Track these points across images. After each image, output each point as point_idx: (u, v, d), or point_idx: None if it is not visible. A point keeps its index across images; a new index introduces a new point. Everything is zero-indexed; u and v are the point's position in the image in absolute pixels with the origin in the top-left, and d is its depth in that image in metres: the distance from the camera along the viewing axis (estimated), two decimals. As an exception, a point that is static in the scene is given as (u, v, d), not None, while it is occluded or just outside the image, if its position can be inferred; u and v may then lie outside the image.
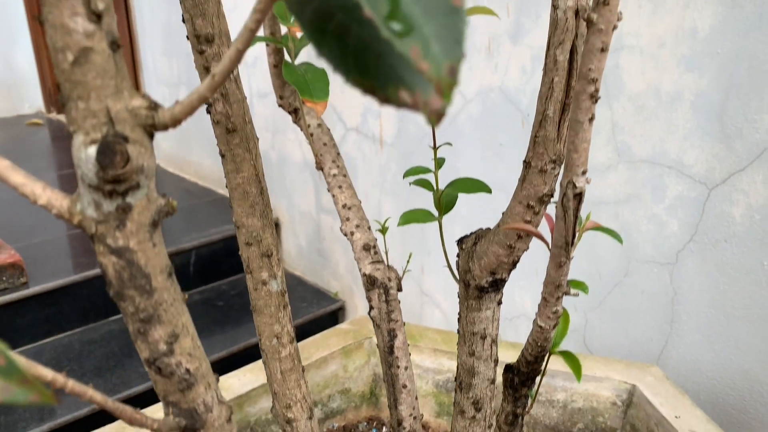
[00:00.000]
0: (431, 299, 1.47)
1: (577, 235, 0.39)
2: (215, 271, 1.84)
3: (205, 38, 0.41)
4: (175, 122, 0.22)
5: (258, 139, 0.47)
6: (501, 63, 1.20)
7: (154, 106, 0.22)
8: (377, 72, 0.17)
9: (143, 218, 0.23)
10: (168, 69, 2.33)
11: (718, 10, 0.89)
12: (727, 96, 0.90)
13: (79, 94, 0.20)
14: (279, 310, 0.49)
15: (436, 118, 0.17)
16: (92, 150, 0.21)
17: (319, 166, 0.65)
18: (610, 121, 1.05)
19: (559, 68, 0.47)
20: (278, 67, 0.64)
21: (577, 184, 0.36)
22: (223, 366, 1.49)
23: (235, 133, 0.44)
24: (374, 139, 1.54)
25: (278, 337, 0.48)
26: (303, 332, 1.66)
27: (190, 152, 2.35)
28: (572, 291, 0.42)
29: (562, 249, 0.39)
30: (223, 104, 0.43)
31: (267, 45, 0.63)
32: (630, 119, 1.03)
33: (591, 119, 0.35)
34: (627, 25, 0.99)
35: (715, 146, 0.94)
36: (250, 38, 0.20)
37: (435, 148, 0.56)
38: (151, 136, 0.22)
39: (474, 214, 1.34)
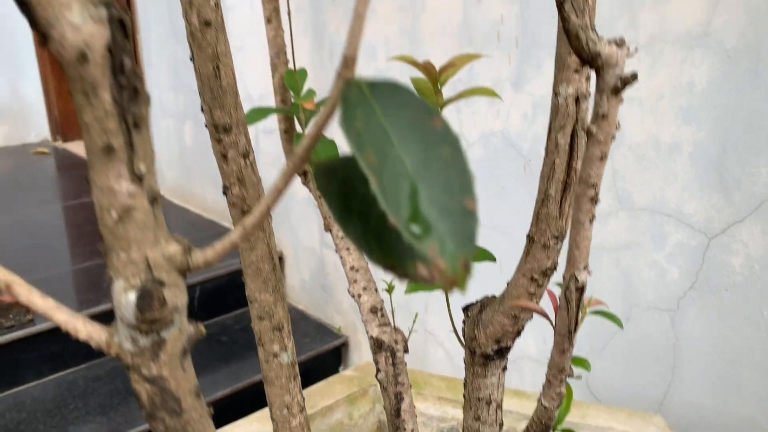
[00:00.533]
0: (435, 338, 1.48)
1: (579, 322, 0.41)
2: (220, 305, 1.85)
3: (222, 128, 0.44)
4: (208, 264, 0.24)
5: (272, 218, 0.49)
6: (503, 109, 1.22)
7: (188, 250, 0.24)
8: (396, 251, 0.19)
9: (175, 349, 0.25)
10: (174, 103, 2.37)
11: (715, 66, 0.91)
12: (725, 149, 0.92)
13: (121, 246, 0.22)
14: (289, 381, 0.50)
15: (450, 286, 0.19)
16: (132, 296, 0.23)
17: (328, 228, 0.67)
18: (611, 168, 1.07)
19: (561, 151, 0.49)
20: (288, 132, 0.67)
21: (579, 279, 0.38)
22: (228, 404, 1.50)
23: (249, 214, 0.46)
24: (378, 178, 1.56)
25: (288, 407, 0.50)
26: (306, 369, 1.66)
27: (194, 185, 2.37)
28: (575, 373, 0.44)
29: (566, 337, 0.40)
30: (240, 188, 0.45)
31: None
32: (630, 168, 1.05)
33: (591, 219, 0.37)
34: (626, 77, 1.02)
35: (714, 197, 0.95)
36: (278, 197, 0.22)
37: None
38: (184, 276, 0.24)
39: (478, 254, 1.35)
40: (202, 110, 0.45)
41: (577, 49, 0.33)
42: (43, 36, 0.20)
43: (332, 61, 1.59)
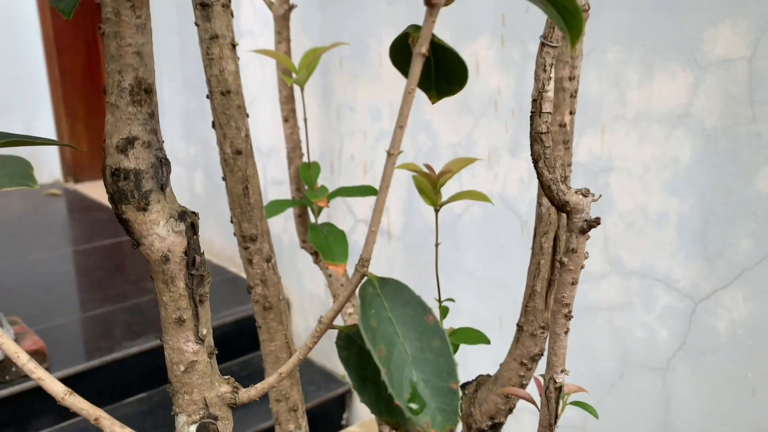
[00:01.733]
0: (436, 388, 1.52)
1: (559, 415, 0.47)
2: (226, 352, 1.90)
3: (249, 238, 0.50)
4: (251, 400, 0.30)
5: (289, 311, 0.55)
6: (500, 173, 1.29)
7: (236, 390, 0.30)
8: (400, 415, 0.25)
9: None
10: (185, 152, 2.45)
11: (696, 144, 0.98)
12: (708, 221, 0.99)
13: (185, 390, 0.28)
14: (303, 456, 0.56)
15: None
16: (193, 429, 0.29)
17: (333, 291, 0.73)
18: (603, 234, 1.13)
19: (545, 253, 0.55)
20: (302, 217, 0.73)
21: (557, 380, 0.44)
22: (234, 453, 1.54)
23: (270, 310, 0.52)
24: (382, 232, 1.63)
25: (302, 481, 0.55)
26: (312, 416, 1.70)
27: (203, 231, 2.44)
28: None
29: (547, 429, 0.46)
30: (263, 288, 0.52)
31: (293, 198, 0.72)
32: (621, 234, 1.11)
33: (566, 332, 0.43)
34: (616, 149, 1.09)
35: (699, 265, 1.01)
36: (307, 352, 0.29)
37: (440, 301, 0.64)
38: (233, 410, 0.30)
39: (478, 309, 1.41)
40: (231, 221, 0.51)
41: (550, 197, 0.39)
42: (136, 242, 0.27)
43: (339, 120, 1.67)
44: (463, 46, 1.30)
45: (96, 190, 3.53)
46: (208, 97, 0.49)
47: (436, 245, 0.63)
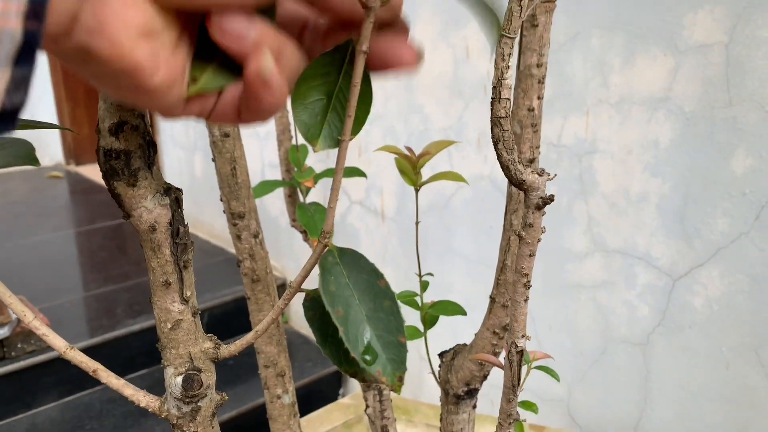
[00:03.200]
0: (428, 367, 1.57)
1: (522, 378, 0.51)
2: (226, 331, 1.95)
3: (237, 215, 0.54)
4: (232, 355, 0.34)
5: (276, 285, 0.59)
6: (490, 156, 1.33)
7: (218, 346, 0.34)
8: (357, 366, 0.29)
9: (207, 413, 0.35)
10: (184, 135, 2.48)
11: (676, 127, 1.02)
12: (686, 201, 1.02)
13: (172, 345, 0.32)
14: (290, 418, 0.60)
15: (391, 389, 0.29)
16: (179, 379, 0.33)
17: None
18: (587, 214, 1.17)
19: (515, 229, 0.59)
20: (291, 197, 0.77)
21: (518, 345, 0.48)
22: (233, 426, 1.59)
23: (258, 282, 0.56)
24: (376, 213, 1.67)
25: (289, 440, 0.59)
26: (309, 392, 1.76)
27: (203, 213, 2.48)
28: (521, 416, 0.54)
29: (510, 389, 0.50)
30: (251, 262, 0.55)
31: (283, 179, 0.76)
32: (604, 214, 1.15)
33: (525, 300, 0.47)
34: (599, 132, 1.12)
35: (678, 243, 1.05)
36: (286, 305, 0.33)
37: (420, 276, 0.68)
38: (215, 363, 0.34)
39: (468, 287, 1.45)
40: (221, 200, 0.55)
41: (508, 176, 0.43)
42: (126, 214, 0.31)
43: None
44: (453, 32, 1.33)
45: (97, 173, 3.57)
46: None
47: (417, 223, 0.66)
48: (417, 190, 0.65)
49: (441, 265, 1.49)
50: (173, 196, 0.31)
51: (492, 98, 0.43)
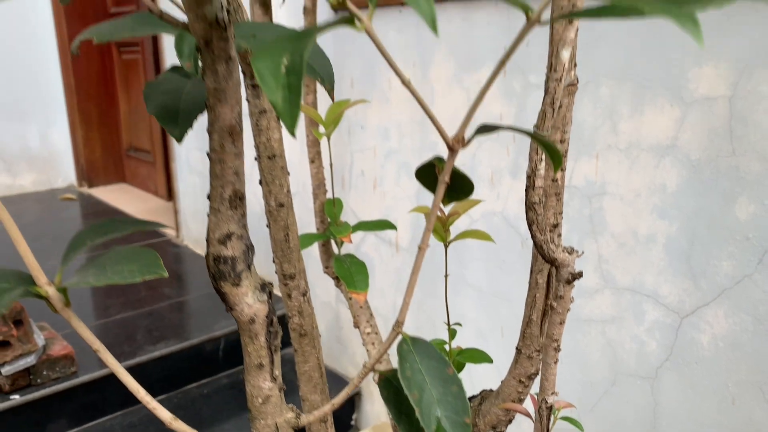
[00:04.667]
0: (441, 392, 1.62)
1: (550, 429, 0.56)
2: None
3: (289, 276, 0.59)
4: (309, 424, 0.39)
5: (320, 336, 0.64)
6: (502, 193, 1.38)
7: (298, 416, 0.39)
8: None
9: (286, 473, 0.40)
10: (200, 162, 2.54)
11: (682, 173, 1.07)
12: (692, 243, 1.08)
13: (262, 417, 0.38)
14: (332, 460, 0.65)
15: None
16: (269, 446, 0.38)
17: (356, 325, 0.82)
18: (597, 253, 1.22)
19: (540, 287, 0.64)
20: (325, 245, 0.83)
21: (548, 401, 0.53)
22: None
23: (305, 336, 0.61)
24: (391, 244, 1.72)
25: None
26: (323, 417, 1.80)
27: (217, 237, 2.53)
28: (549, 463, 0.59)
29: (540, 440, 0.55)
30: (299, 318, 0.61)
31: (317, 229, 0.82)
32: (613, 253, 1.20)
33: (555, 362, 0.52)
34: (609, 176, 1.18)
35: (685, 282, 1.10)
36: (353, 388, 0.38)
37: (449, 325, 0.73)
38: (295, 431, 0.39)
39: (481, 319, 1.50)
40: (273, 261, 0.60)
41: (542, 254, 0.49)
42: (229, 307, 0.36)
43: (350, 137, 1.76)
44: (467, 75, 1.39)
45: (108, 194, 3.63)
46: (256, 159, 0.58)
47: (446, 276, 0.72)
48: (446, 246, 0.71)
49: (454, 296, 1.54)
50: (267, 290, 0.37)
51: (527, 186, 0.48)
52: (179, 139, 0.36)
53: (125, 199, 3.53)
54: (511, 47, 0.30)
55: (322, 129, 0.72)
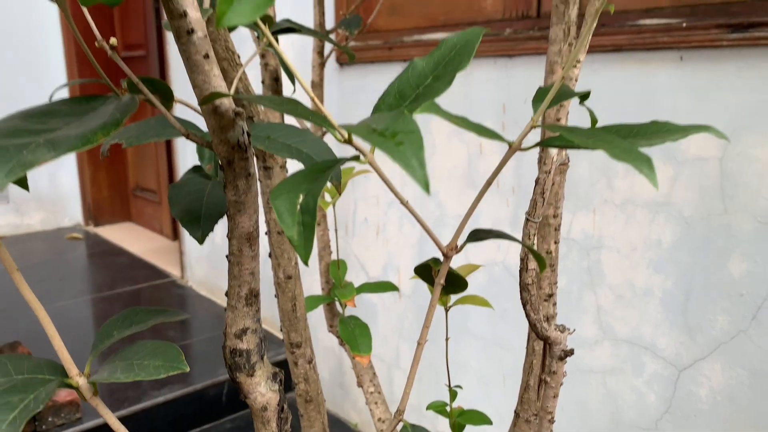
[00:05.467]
0: (444, 439, 1.62)
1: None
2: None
3: (295, 344, 0.62)
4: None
5: (325, 400, 0.67)
6: (503, 244, 1.41)
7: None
8: None
9: None
10: (206, 204, 2.59)
11: (676, 229, 1.11)
12: (688, 298, 1.10)
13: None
14: None
15: None
16: None
17: (360, 384, 0.84)
18: (596, 304, 1.25)
19: (537, 354, 0.67)
20: (330, 305, 0.85)
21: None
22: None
23: (311, 402, 0.64)
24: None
25: None
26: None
27: (221, 279, 2.56)
28: None
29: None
30: (305, 385, 0.63)
31: (322, 290, 0.85)
32: (611, 305, 1.22)
33: (551, 421, 0.54)
34: (606, 229, 1.21)
35: (682, 336, 1.13)
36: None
37: (450, 387, 0.75)
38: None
39: (483, 367, 1.51)
40: (281, 330, 0.63)
41: (535, 332, 0.52)
42: (244, 396, 0.39)
43: (353, 185, 1.80)
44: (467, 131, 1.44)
45: (114, 234, 3.67)
46: (266, 234, 0.61)
47: (446, 339, 0.74)
48: (447, 311, 0.74)
49: (456, 344, 1.56)
50: (278, 379, 0.40)
51: (520, 268, 0.52)
52: (201, 242, 0.40)
53: (131, 238, 3.57)
54: (496, 170, 0.33)
55: (328, 198, 0.76)
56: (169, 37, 2.65)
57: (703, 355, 1.10)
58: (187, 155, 2.66)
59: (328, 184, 0.79)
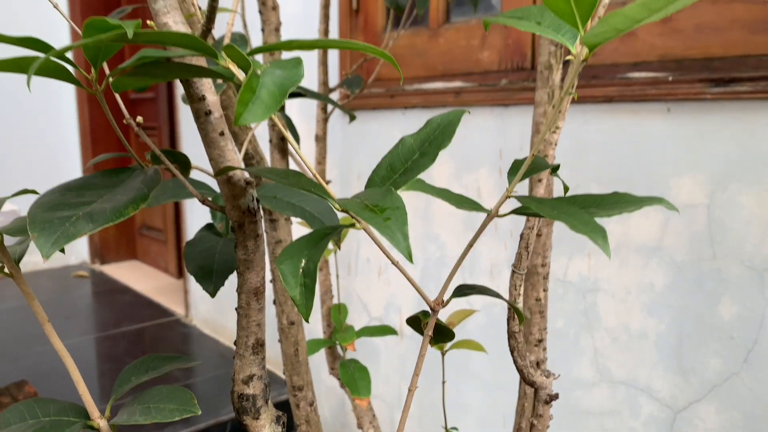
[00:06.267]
0: (445, 481, 1.63)
1: None
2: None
3: (297, 387, 0.65)
4: None
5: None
6: (502, 285, 1.45)
7: None
8: None
9: None
10: (211, 244, 2.63)
11: (668, 273, 1.14)
12: (681, 341, 1.13)
13: None
14: None
15: None
16: None
17: (360, 426, 0.87)
18: (593, 347, 1.27)
19: (528, 397, 0.70)
20: (331, 349, 0.89)
21: None
22: None
23: (312, 442, 0.67)
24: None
25: None
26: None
27: (225, 318, 2.59)
28: None
29: None
30: (306, 426, 0.66)
31: (324, 333, 0.88)
32: (608, 347, 1.25)
33: (539, 475, 0.57)
34: (601, 273, 1.25)
35: (676, 378, 1.15)
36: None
37: (447, 429, 0.78)
38: None
39: (483, 408, 1.53)
40: (284, 373, 0.67)
41: (522, 377, 0.55)
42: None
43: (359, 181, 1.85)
44: (466, 174, 1.49)
45: (120, 272, 3.71)
46: (271, 281, 0.65)
47: (443, 382, 0.77)
48: (443, 355, 0.77)
49: (457, 385, 1.58)
50: (282, 421, 0.43)
51: (508, 317, 0.55)
52: (212, 295, 0.44)
53: (136, 276, 3.61)
54: (474, 237, 0.37)
55: (330, 245, 0.80)
56: (180, 111, 2.75)
57: (698, 397, 1.12)
58: (194, 211, 2.72)
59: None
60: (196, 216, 2.73)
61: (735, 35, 1.03)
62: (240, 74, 0.32)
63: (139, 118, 0.40)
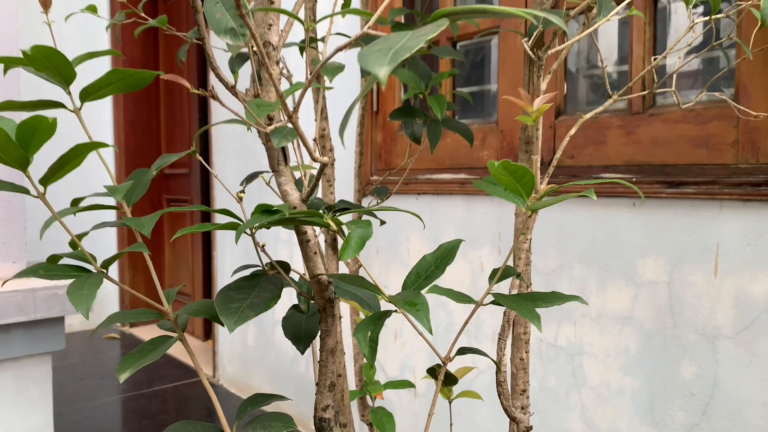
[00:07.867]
0: None
1: None
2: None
3: (342, 424, 0.88)
4: None
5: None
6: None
7: None
8: None
9: None
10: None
11: (640, 339, 1.37)
12: (653, 396, 1.34)
13: None
14: None
15: None
16: None
17: (385, 461, 1.09)
18: (580, 402, 1.49)
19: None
20: (362, 399, 1.11)
21: None
22: None
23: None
24: (410, 389, 1.98)
25: None
26: None
27: (252, 378, 2.80)
28: None
29: None
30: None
31: (356, 386, 1.11)
32: (593, 403, 1.46)
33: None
34: (585, 338, 1.47)
35: (651, 429, 1.36)
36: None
37: (454, 461, 1.00)
38: None
39: (487, 459, 1.72)
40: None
41: (506, 413, 0.78)
42: (326, 446, 0.66)
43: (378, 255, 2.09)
44: (471, 251, 1.74)
45: (149, 334, 3.93)
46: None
47: (450, 425, 1.00)
48: (450, 403, 1.00)
49: (465, 438, 1.77)
50: (345, 436, 0.67)
51: (495, 371, 0.80)
52: (302, 352, 0.68)
53: (164, 338, 3.82)
54: (466, 321, 0.62)
55: (362, 315, 1.05)
56: (214, 188, 3.05)
57: (668, 445, 1.32)
58: (225, 261, 2.98)
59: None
60: (221, 283, 2.98)
61: (682, 148, 1.29)
62: (333, 226, 0.58)
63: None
